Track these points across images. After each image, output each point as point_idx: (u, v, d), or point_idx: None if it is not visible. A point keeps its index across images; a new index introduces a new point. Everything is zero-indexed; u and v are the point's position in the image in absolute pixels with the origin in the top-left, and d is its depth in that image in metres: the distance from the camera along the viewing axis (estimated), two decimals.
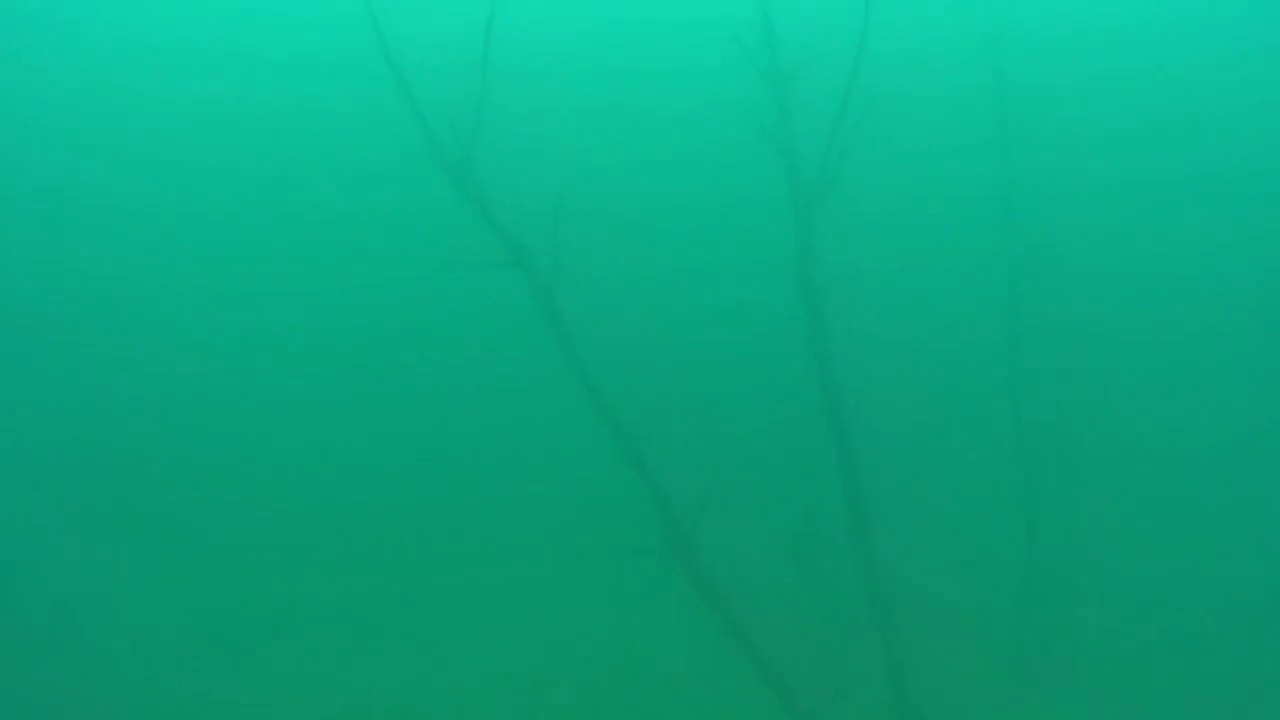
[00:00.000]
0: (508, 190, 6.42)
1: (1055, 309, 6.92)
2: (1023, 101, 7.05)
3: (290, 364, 7.08)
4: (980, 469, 6.79)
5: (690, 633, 6.48)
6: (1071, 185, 7.05)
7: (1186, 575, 6.53)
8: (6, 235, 7.15)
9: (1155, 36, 7.11)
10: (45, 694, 6.59)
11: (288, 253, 7.17)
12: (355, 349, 7.09)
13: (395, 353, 7.10)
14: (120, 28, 7.30)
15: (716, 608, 6.17)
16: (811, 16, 6.89)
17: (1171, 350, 6.85)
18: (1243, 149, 6.95)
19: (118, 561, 6.67)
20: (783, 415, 6.78)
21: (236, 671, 6.54)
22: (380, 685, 6.65)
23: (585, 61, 7.21)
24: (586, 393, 6.34)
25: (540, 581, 6.70)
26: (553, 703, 6.58)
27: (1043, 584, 6.56)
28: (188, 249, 7.19)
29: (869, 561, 6.22)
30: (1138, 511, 6.66)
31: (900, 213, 7.08)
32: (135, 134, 7.24)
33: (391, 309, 7.06)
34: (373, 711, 6.57)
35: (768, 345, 6.87)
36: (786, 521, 6.67)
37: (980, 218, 7.03)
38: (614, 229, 7.02)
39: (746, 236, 6.95)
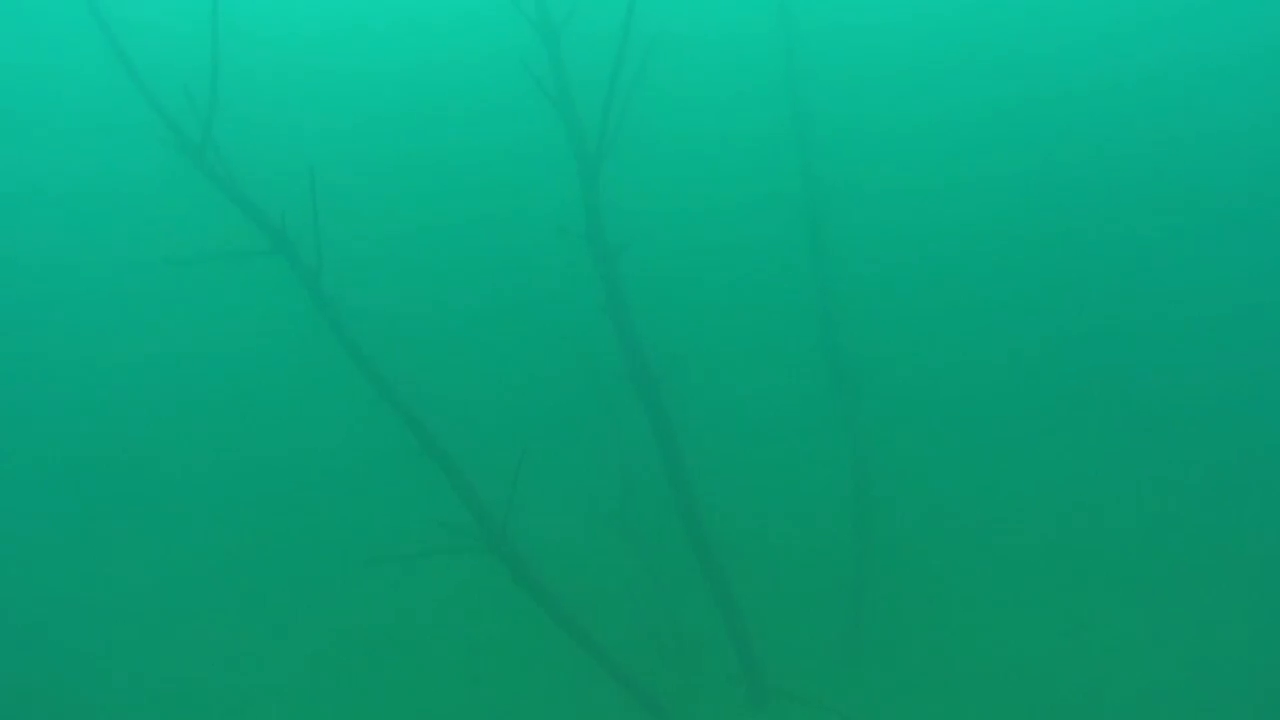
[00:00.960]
0: (256, 166, 5.76)
1: (855, 249, 6.79)
2: (810, 41, 6.87)
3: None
4: (797, 416, 6.64)
5: (518, 630, 6.07)
6: (865, 123, 6.97)
7: (1006, 485, 6.53)
8: None
9: None
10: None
11: (28, 247, 6.67)
12: (106, 353, 6.48)
13: (156, 352, 6.49)
14: None
15: (542, 600, 5.67)
16: None
17: (968, 276, 6.86)
18: (1023, 88, 7.01)
19: None
20: (587, 385, 6.42)
21: None
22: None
23: (332, 14, 6.65)
24: (372, 385, 5.72)
25: (350, 591, 6.23)
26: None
27: (873, 523, 6.38)
28: None
29: (695, 525, 5.84)
30: (958, 440, 6.65)
31: (691, 162, 6.87)
32: None
33: (150, 305, 6.50)
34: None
35: (564, 316, 6.50)
36: (605, 497, 6.37)
37: (774, 161, 6.84)
38: (379, 200, 6.52)
39: (528, 202, 6.56)
